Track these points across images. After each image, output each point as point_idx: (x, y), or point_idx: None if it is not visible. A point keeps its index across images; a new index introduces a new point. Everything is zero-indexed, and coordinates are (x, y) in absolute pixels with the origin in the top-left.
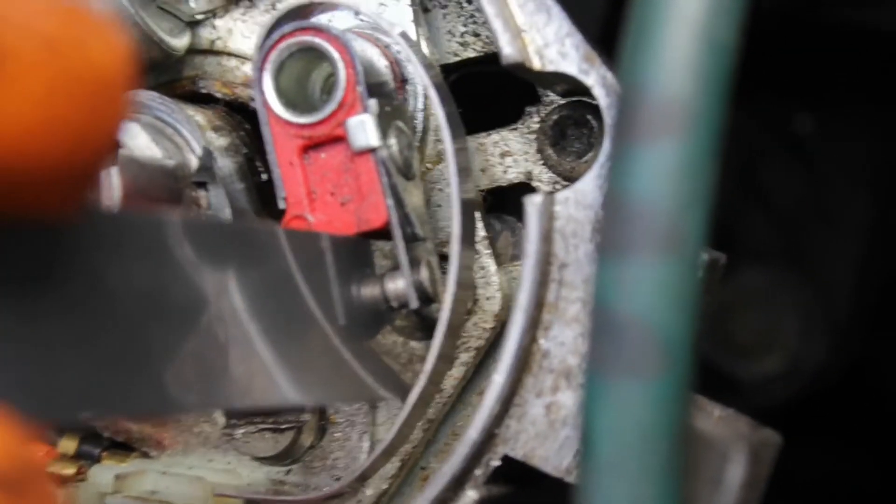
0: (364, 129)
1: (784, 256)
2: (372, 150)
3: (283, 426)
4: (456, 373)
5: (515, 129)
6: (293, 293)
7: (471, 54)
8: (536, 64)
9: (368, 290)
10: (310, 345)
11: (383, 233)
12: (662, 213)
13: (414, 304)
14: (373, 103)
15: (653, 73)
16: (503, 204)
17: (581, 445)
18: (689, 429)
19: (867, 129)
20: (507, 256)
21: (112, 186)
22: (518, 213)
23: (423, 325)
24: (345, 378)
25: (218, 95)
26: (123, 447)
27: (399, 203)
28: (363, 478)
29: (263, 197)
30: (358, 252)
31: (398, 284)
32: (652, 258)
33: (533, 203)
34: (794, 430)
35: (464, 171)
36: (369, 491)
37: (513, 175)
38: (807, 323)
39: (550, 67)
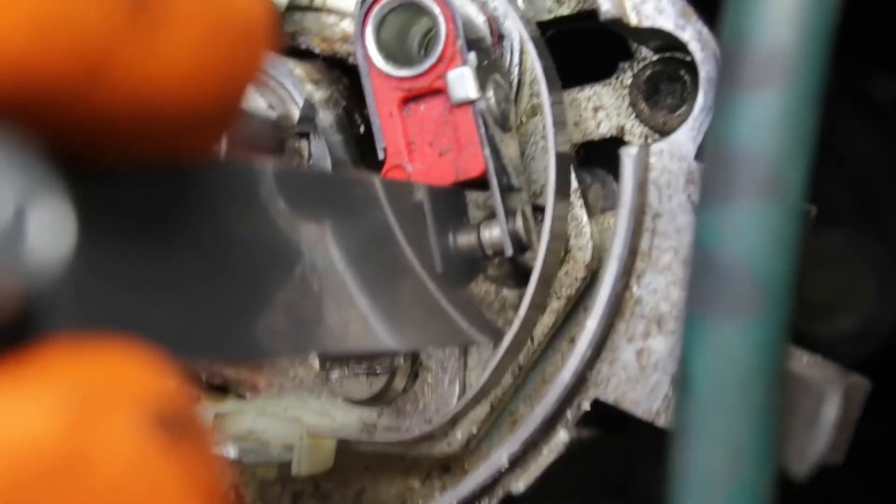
0: (463, 81)
1: (859, 217)
2: (471, 102)
3: (378, 370)
4: (546, 320)
5: (609, 83)
6: (390, 242)
7: (565, 11)
8: (633, 19)
9: (464, 239)
10: (406, 292)
11: (480, 182)
12: (765, 160)
13: (509, 251)
14: (472, 57)
15: (757, 24)
16: (593, 157)
17: (676, 386)
18: (786, 372)
19: None
20: (597, 208)
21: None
22: (607, 166)
23: (516, 274)
24: (440, 324)
25: (317, 51)
26: (219, 389)
27: (496, 154)
28: (453, 421)
29: (361, 149)
30: (454, 202)
31: (494, 233)
32: (755, 204)
33: (629, 154)
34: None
35: (559, 125)
36: (459, 434)
37: (605, 129)
38: (883, 283)
39: (647, 23)
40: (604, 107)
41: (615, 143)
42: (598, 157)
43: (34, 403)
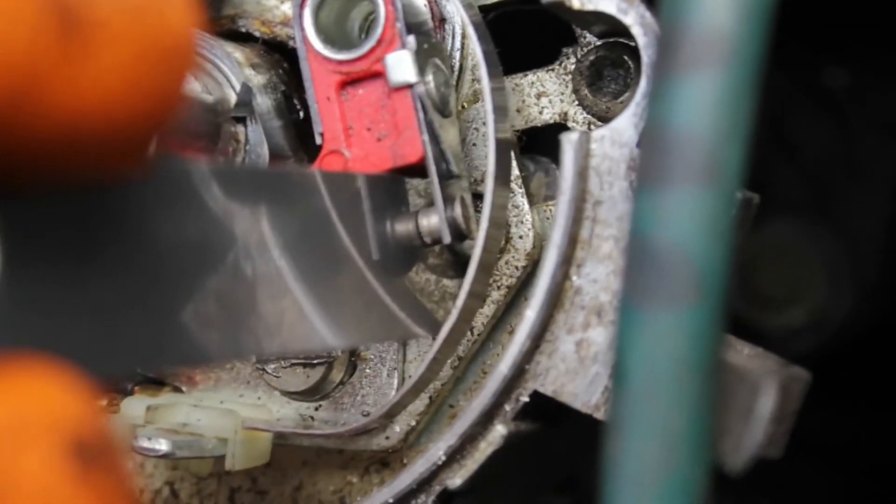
0: (402, 65)
1: (813, 209)
2: (409, 86)
3: (314, 361)
4: (487, 311)
5: (552, 69)
6: (327, 231)
7: None
8: (576, 3)
9: (402, 227)
10: (343, 282)
11: (419, 169)
12: (702, 144)
13: (447, 239)
14: (411, 40)
15: (695, 6)
16: (537, 145)
17: (613, 375)
18: (720, 361)
19: None
20: (540, 196)
21: None
22: (552, 154)
23: (456, 263)
24: (378, 315)
25: (257, 34)
26: (155, 382)
27: (435, 139)
28: (391, 413)
29: (300, 134)
30: (392, 190)
31: (432, 220)
32: (690, 188)
33: (569, 140)
34: (819, 389)
35: (500, 110)
36: (398, 427)
37: (548, 115)
38: (834, 276)
39: (589, 6)
40: (547, 93)
41: (559, 129)
42: (543, 144)
43: None
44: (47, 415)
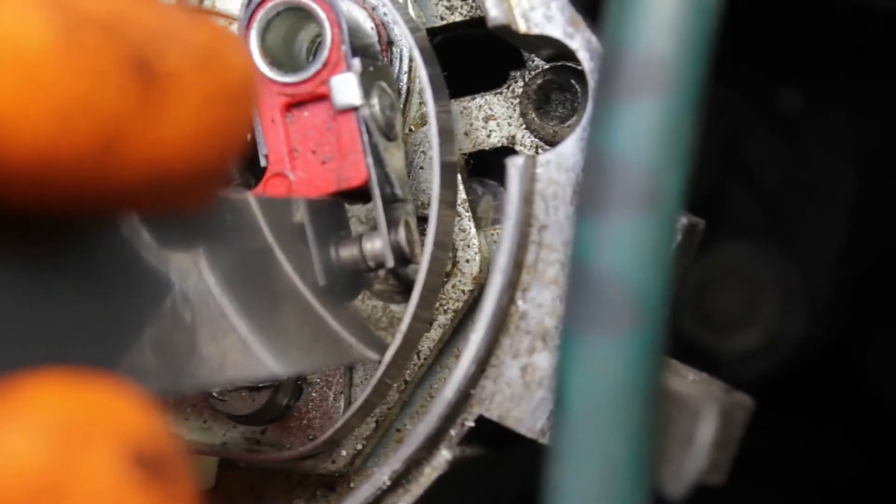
0: (347, 87)
1: (766, 232)
2: (354, 109)
3: (260, 385)
4: (433, 335)
5: (500, 93)
6: (269, 262)
7: (457, 18)
8: (522, 27)
9: (346, 252)
10: (289, 312)
11: (363, 192)
12: (640, 170)
13: (390, 263)
14: (356, 62)
15: (635, 32)
16: (486, 168)
17: (553, 402)
18: (662, 388)
19: (854, 106)
20: (488, 220)
21: None
22: (501, 178)
23: (403, 289)
24: (325, 343)
25: None
26: None
27: (379, 162)
28: (337, 437)
29: (247, 157)
30: (334, 215)
31: (376, 244)
32: (629, 215)
33: (515, 164)
34: (769, 410)
35: (446, 133)
36: (344, 451)
37: (496, 139)
38: (787, 299)
39: (535, 30)
40: (495, 116)
41: (507, 153)
42: (492, 168)
43: (19, 432)
44: (111, 421)
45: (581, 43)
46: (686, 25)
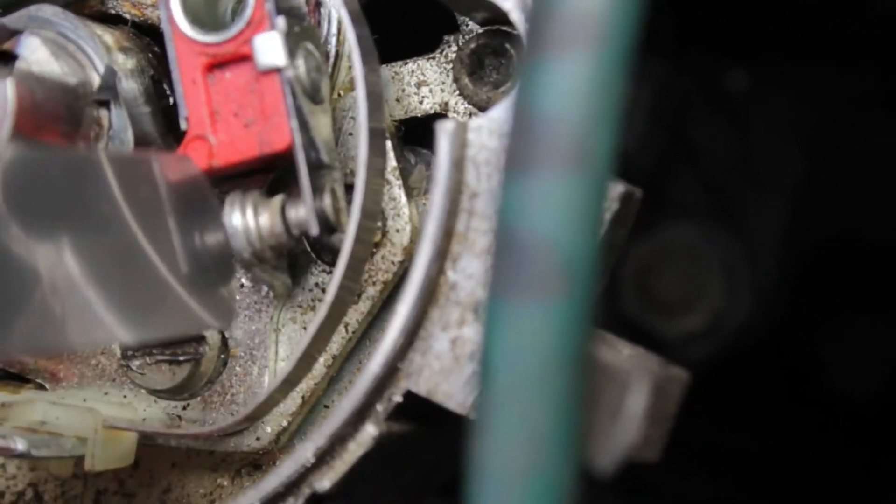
0: (270, 46)
1: (711, 214)
2: (278, 70)
3: (181, 358)
4: (362, 307)
5: (433, 58)
6: (133, 251)
7: None
8: None
9: (212, 238)
10: (154, 299)
11: (287, 157)
12: (569, 129)
13: (314, 230)
14: (280, 21)
15: None
16: (419, 136)
17: (479, 371)
18: (592, 359)
19: (799, 89)
20: (420, 190)
21: (6, 99)
22: (433, 146)
23: (333, 259)
24: (175, 311)
25: (127, 16)
26: (17, 378)
27: (304, 126)
28: (259, 413)
29: (169, 121)
30: (201, 201)
31: (300, 211)
32: (556, 175)
33: (444, 129)
34: (713, 402)
35: (374, 98)
36: (269, 428)
37: (428, 105)
38: (732, 282)
39: None
40: (427, 82)
41: (440, 120)
42: (425, 136)
43: None
44: None
45: (514, 4)
46: None
